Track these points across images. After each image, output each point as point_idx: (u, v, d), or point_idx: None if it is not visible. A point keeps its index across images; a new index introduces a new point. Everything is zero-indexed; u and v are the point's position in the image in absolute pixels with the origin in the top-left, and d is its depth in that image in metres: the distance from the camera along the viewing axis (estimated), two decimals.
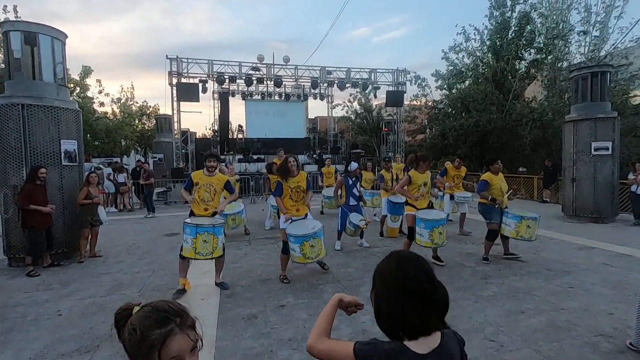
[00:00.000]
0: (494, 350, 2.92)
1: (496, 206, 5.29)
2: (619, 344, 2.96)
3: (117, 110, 29.19)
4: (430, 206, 5.42)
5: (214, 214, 4.42)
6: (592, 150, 8.59)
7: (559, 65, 16.51)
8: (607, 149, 8.51)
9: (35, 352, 2.97)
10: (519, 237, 5.26)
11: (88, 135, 22.85)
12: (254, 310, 3.73)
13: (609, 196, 8.59)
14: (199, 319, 0.96)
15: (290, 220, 4.53)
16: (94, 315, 3.65)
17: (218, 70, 16.95)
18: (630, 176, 8.42)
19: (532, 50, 17.17)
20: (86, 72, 24.35)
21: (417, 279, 1.03)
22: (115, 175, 11.64)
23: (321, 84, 19.65)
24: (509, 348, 2.94)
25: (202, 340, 0.93)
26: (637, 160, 8.65)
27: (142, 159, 17.06)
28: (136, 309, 0.91)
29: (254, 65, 17.60)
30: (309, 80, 18.47)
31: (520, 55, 17.23)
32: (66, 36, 6.10)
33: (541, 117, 15.37)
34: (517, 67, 17.45)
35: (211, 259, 4.20)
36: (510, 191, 5.59)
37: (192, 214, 4.42)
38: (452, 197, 7.35)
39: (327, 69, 18.24)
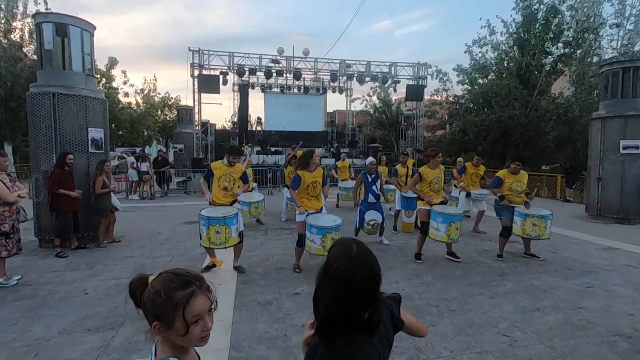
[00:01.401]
0: (507, 344, 2.91)
1: (501, 202, 5.27)
2: (638, 344, 2.90)
3: (141, 101, 29.99)
4: (444, 202, 5.35)
5: (234, 202, 4.64)
6: (621, 148, 8.28)
7: (589, 60, 15.86)
8: (638, 147, 8.18)
9: (64, 327, 3.16)
10: (525, 235, 5.16)
11: (113, 125, 23.57)
12: (269, 297, 3.83)
13: (636, 197, 8.27)
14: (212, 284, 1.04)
15: (306, 213, 4.56)
16: (117, 295, 3.83)
17: (238, 63, 17.13)
18: None
19: (559, 45, 16.53)
20: (112, 63, 25.06)
21: (358, 283, 1.03)
22: (139, 164, 12.00)
23: (340, 77, 19.56)
24: (523, 343, 2.92)
25: (217, 302, 1.02)
26: None
27: (164, 149, 17.49)
28: (151, 277, 0.99)
29: (274, 57, 17.68)
30: (328, 74, 18.40)
31: (548, 50, 16.61)
32: (94, 28, 6.30)
33: (566, 113, 14.83)
34: (544, 61, 16.85)
35: (225, 248, 4.34)
36: (531, 192, 5.45)
37: (212, 202, 4.61)
38: (468, 195, 7.22)
39: (346, 62, 18.12)
